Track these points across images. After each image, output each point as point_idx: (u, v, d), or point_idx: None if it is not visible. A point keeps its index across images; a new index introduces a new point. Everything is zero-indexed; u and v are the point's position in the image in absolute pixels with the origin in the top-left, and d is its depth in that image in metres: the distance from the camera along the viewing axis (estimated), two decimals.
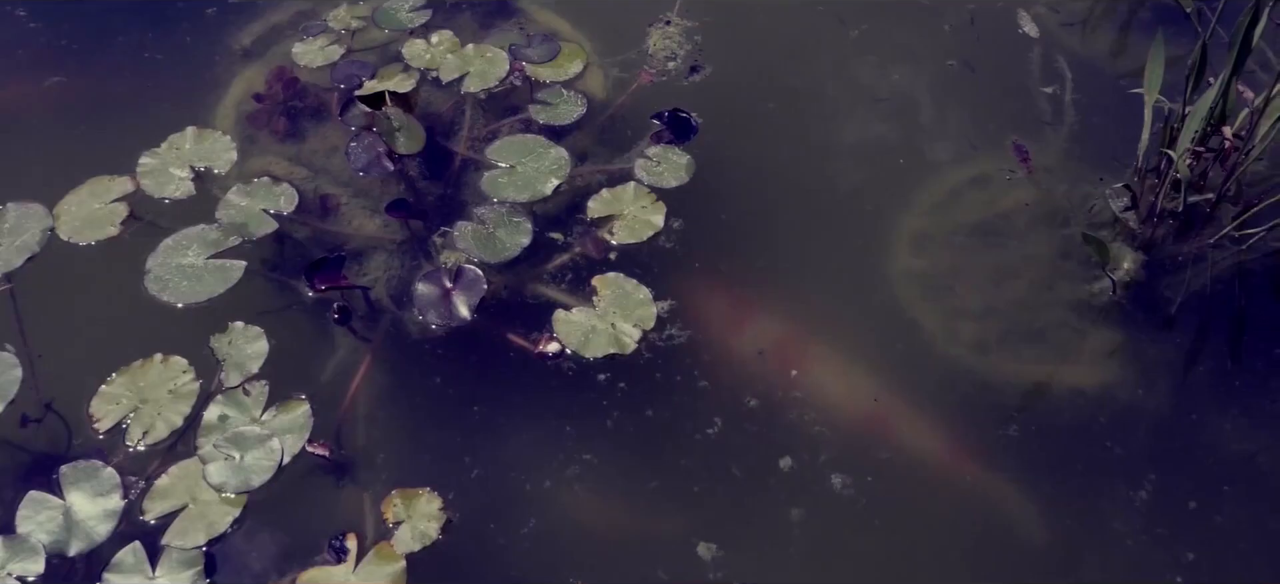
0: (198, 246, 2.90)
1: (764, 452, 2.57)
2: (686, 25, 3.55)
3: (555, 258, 2.94)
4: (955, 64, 3.46)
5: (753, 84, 3.41)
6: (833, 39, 3.56)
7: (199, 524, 2.42)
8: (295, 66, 3.42)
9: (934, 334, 2.84)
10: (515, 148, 3.15)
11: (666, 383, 2.68)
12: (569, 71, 3.37)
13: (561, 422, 2.63)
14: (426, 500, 2.48)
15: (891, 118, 3.32)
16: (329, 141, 3.23)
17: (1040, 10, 3.63)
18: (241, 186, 3.03)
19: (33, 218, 2.97)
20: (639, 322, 2.76)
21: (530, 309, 2.84)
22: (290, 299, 2.87)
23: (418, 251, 2.96)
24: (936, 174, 3.18)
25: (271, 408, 2.61)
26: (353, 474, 2.56)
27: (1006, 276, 2.95)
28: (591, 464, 2.57)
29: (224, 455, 2.51)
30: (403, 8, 3.58)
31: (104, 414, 2.58)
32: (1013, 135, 3.24)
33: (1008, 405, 2.69)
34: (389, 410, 2.68)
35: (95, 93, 3.40)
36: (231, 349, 2.70)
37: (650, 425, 2.62)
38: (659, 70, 3.40)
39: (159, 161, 3.12)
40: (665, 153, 3.14)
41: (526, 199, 3.02)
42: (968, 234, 3.05)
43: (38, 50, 3.51)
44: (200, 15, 3.61)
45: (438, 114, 3.29)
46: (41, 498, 2.46)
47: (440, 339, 2.79)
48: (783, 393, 2.67)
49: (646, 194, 3.04)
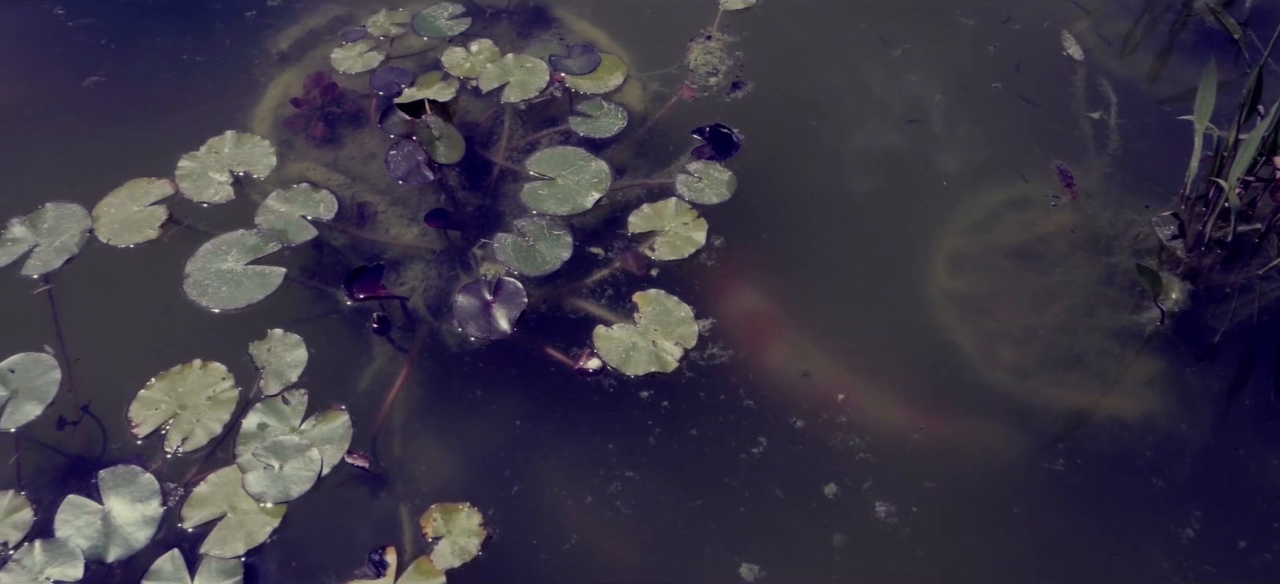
0: (237, 252, 2.88)
1: (808, 474, 2.55)
2: (727, 40, 3.53)
3: (595, 272, 2.92)
4: (1000, 86, 3.43)
5: (794, 101, 3.39)
6: (875, 58, 3.54)
7: (238, 533, 2.40)
8: (333, 72, 3.40)
9: (972, 357, 2.81)
10: (555, 160, 3.13)
11: (710, 402, 2.66)
12: (609, 84, 3.35)
13: (603, 438, 2.61)
14: (466, 515, 2.45)
15: (933, 138, 3.30)
16: (366, 148, 3.22)
17: (1082, 29, 3.60)
18: (280, 192, 3.02)
19: (72, 219, 2.96)
20: (680, 340, 2.74)
21: (569, 324, 2.82)
22: (327, 307, 2.85)
23: (455, 262, 2.94)
24: (977, 195, 3.15)
25: (311, 417, 2.59)
26: (390, 486, 2.54)
27: (1046, 301, 2.92)
28: (634, 481, 2.54)
29: (263, 464, 2.49)
30: (442, 15, 3.57)
31: (143, 419, 2.57)
32: (1056, 159, 3.21)
33: (1048, 433, 2.66)
34: (426, 422, 2.66)
35: (133, 93, 3.39)
36: (270, 357, 2.69)
37: (694, 444, 2.60)
38: (700, 86, 3.38)
39: (198, 165, 3.10)
40: (706, 169, 3.12)
41: (567, 212, 3.00)
42: (1007, 256, 3.02)
43: (76, 49, 3.50)
44: (239, 18, 3.60)
45: (476, 123, 3.28)
46: (80, 502, 2.44)
47: (478, 351, 2.77)
48: (828, 416, 2.64)
49: (688, 210, 3.02)
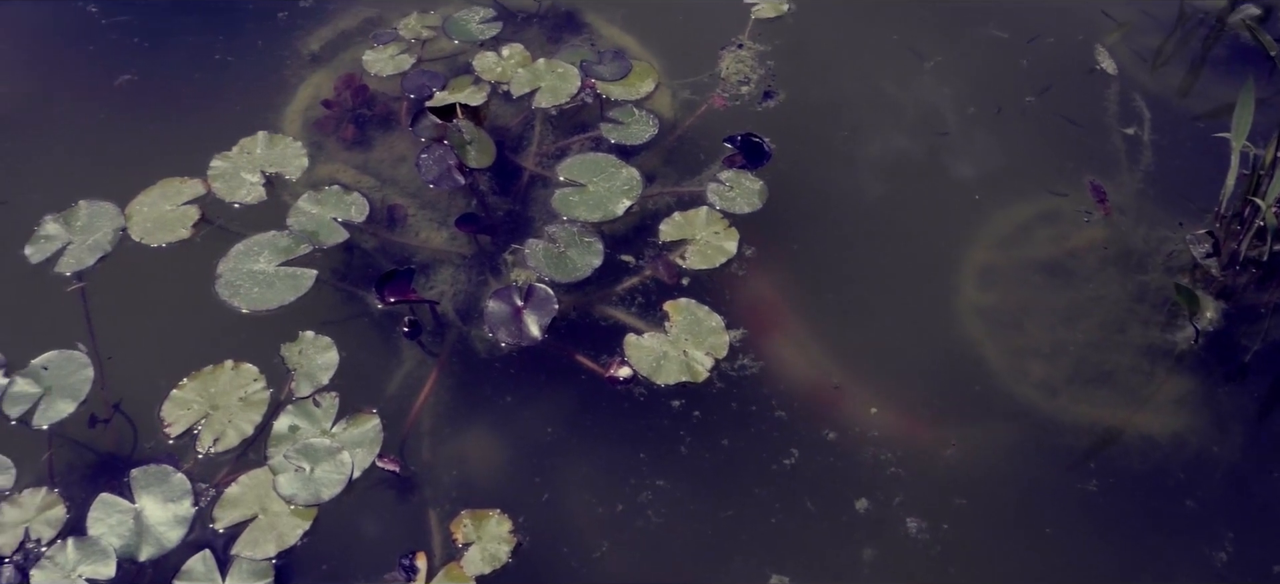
0: (269, 253, 2.89)
1: (839, 488, 2.54)
2: (759, 49, 3.53)
3: (624, 280, 2.92)
4: (1033, 100, 3.42)
5: (826, 112, 3.38)
6: (908, 70, 3.53)
7: (269, 535, 2.41)
8: (364, 74, 3.41)
9: (1001, 372, 2.80)
10: (586, 166, 3.13)
11: (742, 412, 2.65)
12: (640, 90, 3.35)
13: (633, 447, 2.61)
14: (496, 522, 2.45)
15: (965, 151, 3.29)
16: (396, 151, 3.22)
17: (1114, 42, 3.59)
18: (312, 194, 3.02)
19: (105, 217, 2.97)
20: (711, 350, 2.73)
21: (599, 331, 2.82)
22: (357, 309, 2.85)
23: (484, 267, 2.94)
24: (1007, 209, 3.14)
25: (342, 420, 2.59)
26: (419, 491, 2.54)
27: (1077, 316, 2.91)
28: (664, 490, 2.54)
29: (294, 467, 2.50)
30: (473, 19, 3.57)
31: (176, 419, 2.57)
32: (1089, 174, 3.20)
33: (1078, 450, 2.65)
34: (455, 427, 2.66)
35: (165, 92, 3.40)
36: (302, 359, 2.69)
37: (725, 454, 2.60)
38: (732, 95, 3.37)
39: (230, 165, 3.11)
40: (738, 178, 3.12)
41: (598, 219, 2.99)
42: (1037, 271, 3.01)
43: (109, 47, 3.51)
44: (271, 18, 3.61)
45: (506, 128, 3.27)
46: (112, 500, 2.45)
47: (508, 357, 2.77)
48: (860, 430, 2.63)
49: (719, 220, 3.01)
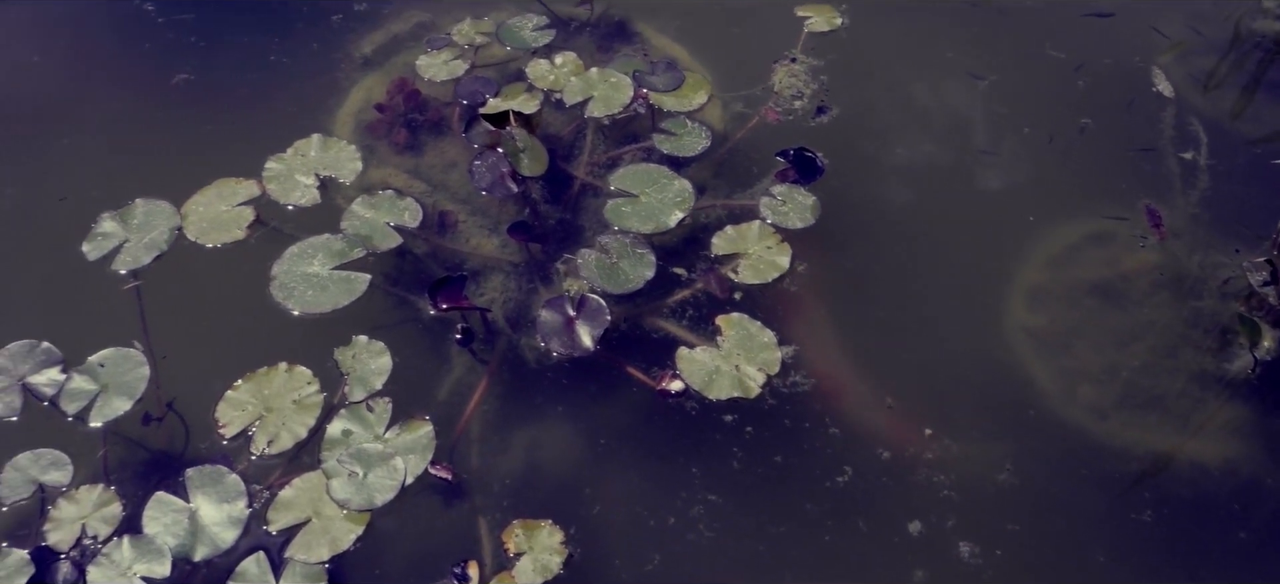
0: (323, 256, 2.90)
1: (892, 508, 2.53)
2: (812, 64, 3.52)
3: (676, 293, 2.91)
4: (1089, 122, 3.39)
5: (879, 129, 3.37)
6: (963, 89, 3.51)
7: (322, 539, 2.42)
8: (417, 78, 3.42)
9: (1050, 393, 2.78)
10: (638, 177, 3.13)
11: (795, 428, 2.65)
12: (693, 102, 3.34)
13: (685, 460, 2.60)
14: (548, 533, 2.45)
15: (1018, 171, 3.27)
16: (447, 156, 3.23)
17: (1167, 62, 3.56)
18: (366, 198, 3.03)
19: (161, 216, 2.99)
20: (763, 366, 2.73)
21: (650, 343, 2.82)
22: (407, 314, 2.86)
23: (535, 275, 2.94)
24: (1059, 230, 3.12)
25: (395, 426, 2.60)
26: (469, 498, 2.55)
27: (1128, 340, 2.89)
28: (716, 505, 2.54)
29: (348, 471, 2.51)
30: (527, 26, 3.57)
31: (230, 420, 2.59)
32: (1144, 198, 3.17)
33: (1128, 475, 2.63)
34: (505, 435, 2.66)
35: (220, 92, 3.42)
36: (355, 363, 2.70)
37: (778, 470, 2.59)
38: (785, 109, 3.36)
39: (285, 167, 3.13)
40: (790, 192, 3.11)
41: (650, 230, 2.99)
42: (1088, 293, 2.98)
43: (165, 45, 3.54)
44: (325, 20, 3.63)
45: (557, 136, 3.28)
46: (167, 499, 2.46)
47: (558, 367, 2.77)
48: (914, 451, 2.62)
49: (771, 234, 3.00)
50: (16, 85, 3.44)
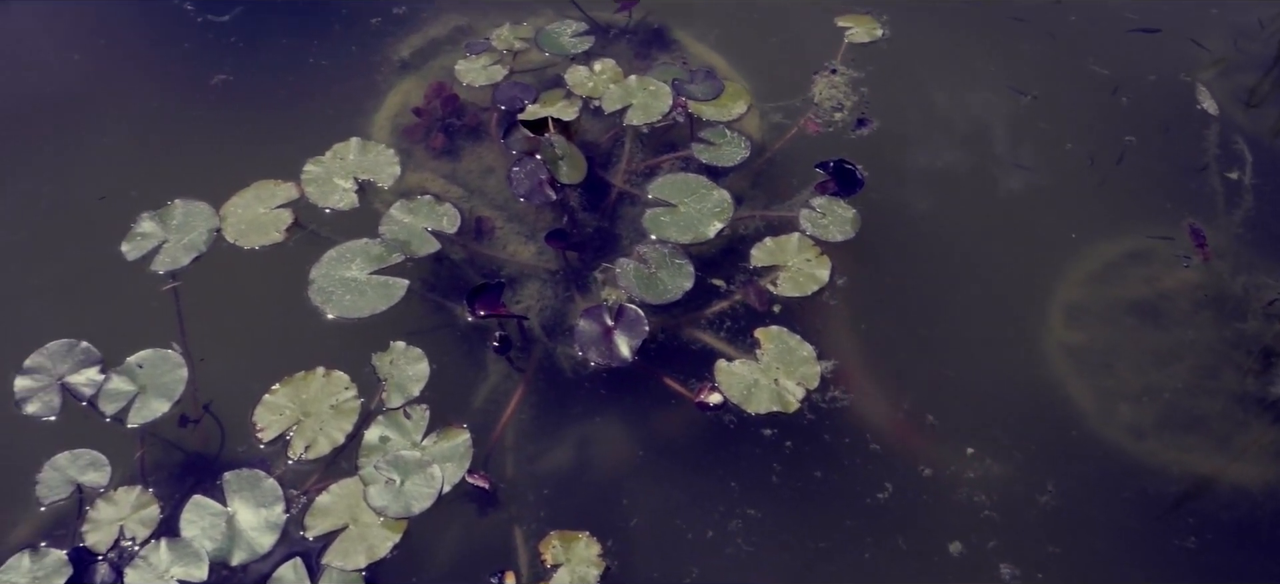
0: (361, 260, 2.89)
1: (933, 527, 2.51)
2: (852, 75, 3.49)
3: (714, 304, 2.89)
4: (1133, 139, 3.36)
5: (919, 142, 3.34)
6: (1005, 105, 3.48)
7: (359, 546, 2.41)
8: (455, 83, 3.41)
9: (1089, 412, 2.75)
10: (677, 186, 3.11)
11: (835, 444, 2.63)
12: (732, 112, 3.32)
13: (723, 474, 2.58)
14: (585, 545, 2.44)
15: (1060, 187, 3.24)
16: (484, 162, 3.22)
17: (1209, 78, 3.52)
18: (404, 203, 3.03)
19: (200, 216, 2.99)
20: (802, 380, 2.70)
21: (688, 354, 2.80)
22: (443, 320, 2.85)
23: (571, 283, 2.93)
24: (1099, 248, 3.08)
25: (432, 433, 2.59)
26: (505, 507, 2.53)
27: (1168, 360, 2.85)
28: (755, 519, 2.52)
29: (385, 478, 2.50)
30: (565, 32, 3.56)
31: (268, 424, 2.58)
32: (1187, 217, 3.13)
33: (1167, 497, 2.60)
34: (541, 445, 2.65)
35: (259, 93, 3.43)
36: (393, 369, 2.69)
37: (817, 485, 2.57)
38: (825, 121, 3.34)
39: (323, 169, 3.12)
40: (830, 205, 3.08)
41: (688, 241, 2.97)
42: (1128, 311, 2.95)
43: (204, 45, 3.54)
44: (364, 23, 3.63)
45: (595, 144, 3.26)
46: (205, 503, 2.46)
47: (595, 376, 2.75)
48: (954, 470, 2.60)
49: (811, 246, 2.98)
50: (57, 83, 3.45)
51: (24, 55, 3.54)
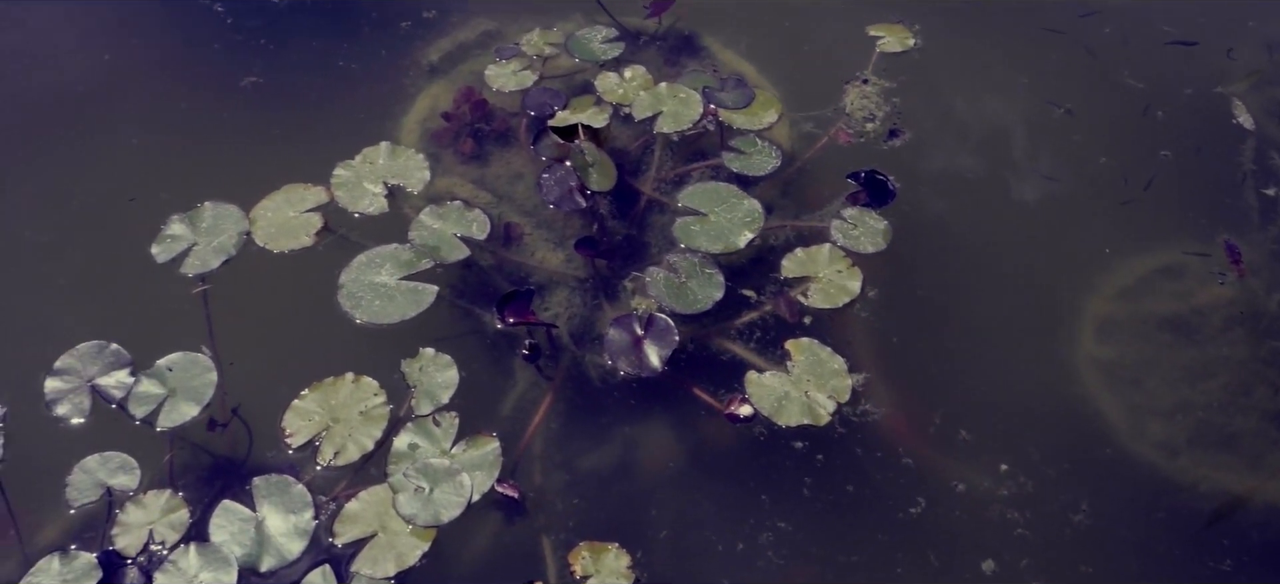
0: (391, 266, 2.88)
1: (965, 544, 2.49)
2: (884, 86, 3.47)
3: (743, 314, 2.88)
4: (1168, 154, 3.32)
5: (952, 154, 3.32)
6: (1039, 118, 3.44)
7: (389, 555, 2.40)
8: (485, 88, 3.40)
9: (1119, 428, 2.72)
10: (707, 195, 3.09)
11: (867, 457, 2.61)
12: (763, 121, 3.30)
13: (754, 486, 2.57)
14: (615, 556, 2.43)
15: (1093, 201, 3.21)
16: (512, 167, 3.21)
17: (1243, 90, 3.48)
18: (434, 208, 3.02)
19: (229, 219, 2.99)
20: (833, 393, 2.68)
21: (717, 365, 2.78)
22: (471, 327, 2.84)
23: (600, 291, 2.91)
24: (1132, 262, 3.05)
25: (461, 442, 2.58)
26: (532, 516, 2.52)
27: (1200, 376, 2.83)
28: (786, 532, 2.50)
29: (414, 486, 2.49)
30: (596, 38, 3.55)
31: (297, 429, 2.58)
32: (1223, 234, 3.10)
33: (1200, 516, 2.57)
34: (569, 454, 2.64)
35: (288, 95, 3.42)
36: (422, 376, 2.68)
37: (849, 499, 2.55)
38: (857, 131, 3.32)
39: (353, 174, 3.12)
40: (862, 216, 3.06)
41: (719, 250, 2.96)
42: (1159, 327, 2.92)
43: (233, 47, 3.54)
44: (393, 26, 3.62)
45: (624, 151, 3.25)
46: (234, 508, 2.45)
47: (623, 385, 2.74)
48: (989, 487, 2.57)
49: (842, 258, 2.96)
50: (87, 83, 3.46)
51: (55, 54, 3.55)
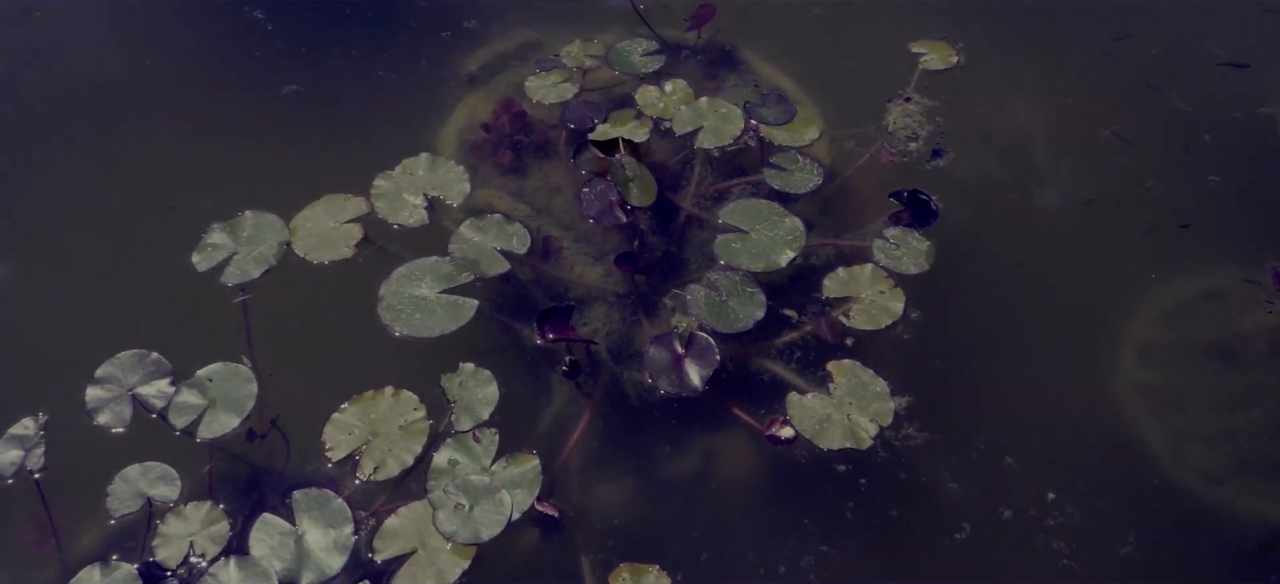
0: (431, 279, 2.87)
1: (1010, 574, 2.45)
2: (927, 104, 3.43)
3: (784, 334, 2.85)
4: (1217, 180, 3.28)
5: (996, 175, 3.28)
6: (1085, 140, 3.40)
7: (428, 572, 2.39)
8: (524, 99, 3.39)
9: (1161, 455, 2.69)
10: (748, 212, 3.07)
11: (910, 482, 2.58)
12: (805, 137, 3.28)
13: (796, 509, 2.55)
14: (656, 578, 2.41)
15: (1137, 224, 3.16)
16: (551, 180, 3.20)
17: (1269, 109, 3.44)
18: (474, 221, 3.00)
19: (270, 229, 2.99)
20: (876, 416, 2.66)
21: (757, 385, 2.76)
22: (509, 341, 2.83)
23: (638, 307, 2.90)
24: (1176, 288, 3.02)
25: (501, 458, 2.56)
26: (571, 535, 2.51)
27: (1244, 403, 2.79)
28: (828, 556, 2.47)
29: (454, 503, 2.48)
30: (636, 51, 3.53)
31: (337, 443, 2.57)
32: (1272, 260, 3.06)
33: (1245, 541, 2.53)
34: (608, 473, 2.62)
35: (328, 104, 3.42)
36: (462, 391, 2.67)
37: (892, 524, 2.52)
38: (900, 150, 3.29)
39: (393, 185, 3.11)
40: (904, 236, 3.03)
41: (761, 268, 2.93)
42: (1202, 351, 2.88)
43: (274, 55, 3.55)
44: (434, 36, 3.62)
45: (663, 166, 3.23)
46: (273, 521, 2.45)
47: (662, 404, 2.72)
48: (1035, 513, 2.54)
49: (884, 278, 2.93)
50: (128, 91, 3.47)
51: (96, 62, 3.56)
